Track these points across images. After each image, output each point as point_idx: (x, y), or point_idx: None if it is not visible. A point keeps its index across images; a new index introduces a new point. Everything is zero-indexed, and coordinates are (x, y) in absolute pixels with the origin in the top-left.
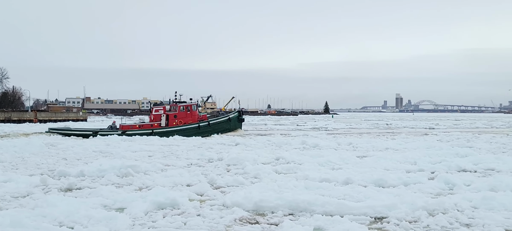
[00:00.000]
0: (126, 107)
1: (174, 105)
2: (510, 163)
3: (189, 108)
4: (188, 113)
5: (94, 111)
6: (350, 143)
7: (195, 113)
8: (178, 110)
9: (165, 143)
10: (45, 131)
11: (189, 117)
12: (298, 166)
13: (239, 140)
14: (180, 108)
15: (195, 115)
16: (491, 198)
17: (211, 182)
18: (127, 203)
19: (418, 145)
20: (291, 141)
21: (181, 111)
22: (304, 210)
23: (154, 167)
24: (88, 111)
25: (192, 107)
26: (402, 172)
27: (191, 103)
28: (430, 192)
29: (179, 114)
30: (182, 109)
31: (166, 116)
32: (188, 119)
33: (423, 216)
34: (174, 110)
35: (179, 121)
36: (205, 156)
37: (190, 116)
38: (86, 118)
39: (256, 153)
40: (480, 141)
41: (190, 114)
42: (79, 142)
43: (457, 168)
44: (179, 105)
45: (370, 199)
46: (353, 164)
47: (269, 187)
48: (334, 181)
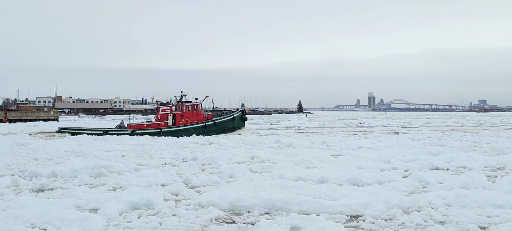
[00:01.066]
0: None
1: (180, 105)
2: (481, 160)
3: (195, 108)
4: (194, 113)
5: (66, 110)
6: (324, 142)
7: (200, 113)
8: (184, 109)
9: (138, 142)
10: (55, 130)
11: (195, 116)
12: (273, 165)
13: (213, 139)
14: (186, 108)
15: (201, 114)
16: (464, 195)
17: (186, 181)
18: (101, 203)
19: (391, 144)
20: (265, 139)
21: (187, 111)
22: (280, 209)
23: (128, 167)
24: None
25: (198, 107)
26: (376, 171)
27: (197, 103)
28: (404, 190)
29: (185, 114)
30: (188, 109)
31: (173, 115)
32: (194, 118)
33: (398, 214)
34: (181, 109)
35: (186, 120)
36: (179, 155)
37: (196, 115)
38: (58, 117)
39: (231, 152)
40: (451, 139)
41: (196, 113)
42: (50, 141)
43: (430, 166)
44: (185, 105)
45: (345, 197)
46: (328, 162)
47: (245, 186)
48: (309, 180)
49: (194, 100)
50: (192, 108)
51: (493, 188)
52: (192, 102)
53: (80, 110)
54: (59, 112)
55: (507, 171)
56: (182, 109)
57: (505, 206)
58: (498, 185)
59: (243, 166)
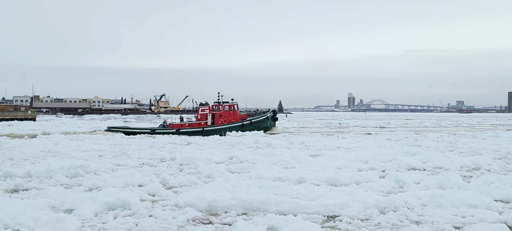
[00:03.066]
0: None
1: (218, 105)
2: (457, 161)
3: (232, 108)
4: (232, 113)
5: (43, 110)
6: (303, 142)
7: (237, 113)
8: (223, 109)
9: (116, 142)
10: (105, 129)
11: (232, 115)
12: (252, 165)
13: (191, 139)
14: (224, 108)
15: (237, 114)
16: (439, 195)
17: (163, 182)
18: (76, 204)
19: (369, 144)
20: (243, 140)
21: (225, 111)
22: (257, 209)
23: (105, 167)
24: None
25: (234, 107)
26: (354, 171)
27: (234, 103)
28: (381, 190)
29: (224, 114)
30: (226, 109)
31: (212, 115)
32: (232, 117)
33: (374, 214)
34: (219, 110)
35: (224, 119)
36: (157, 156)
37: (233, 115)
38: (35, 117)
39: (209, 152)
40: (428, 140)
41: (233, 113)
42: (26, 141)
43: (407, 166)
44: (223, 105)
45: (322, 197)
46: (306, 163)
47: (223, 186)
48: (287, 180)
49: (231, 101)
50: (230, 109)
51: (468, 188)
52: (229, 103)
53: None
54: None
55: (482, 171)
56: (220, 110)
57: (479, 206)
58: (473, 185)
59: (222, 166)
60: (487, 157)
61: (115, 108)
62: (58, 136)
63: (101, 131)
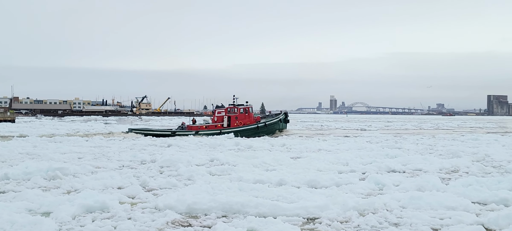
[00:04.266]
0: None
1: (233, 108)
2: (436, 163)
3: (247, 110)
4: (246, 115)
5: (23, 111)
6: (284, 144)
7: (251, 115)
8: (238, 112)
9: (95, 144)
10: (125, 131)
11: (247, 118)
12: (233, 168)
13: (172, 142)
14: (240, 110)
15: (252, 116)
16: (418, 197)
17: (143, 184)
18: (53, 207)
19: (350, 146)
20: (225, 142)
21: (240, 113)
22: (237, 211)
23: (84, 169)
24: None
25: (249, 110)
26: (334, 173)
27: (249, 106)
28: (361, 192)
29: (239, 116)
30: (241, 112)
31: (228, 117)
32: (247, 120)
33: (354, 216)
34: (234, 112)
35: (240, 122)
36: (137, 158)
37: (248, 117)
38: (14, 118)
39: (190, 155)
40: (408, 142)
41: (248, 116)
42: (4, 143)
43: (387, 168)
44: (239, 108)
45: (303, 200)
46: (287, 165)
47: (203, 189)
48: (268, 182)
49: (245, 104)
50: (245, 111)
51: (446, 190)
52: (244, 105)
53: (38, 112)
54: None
55: (460, 173)
56: (236, 112)
57: (457, 208)
58: (451, 187)
59: (202, 168)
60: (466, 159)
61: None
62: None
63: (120, 133)
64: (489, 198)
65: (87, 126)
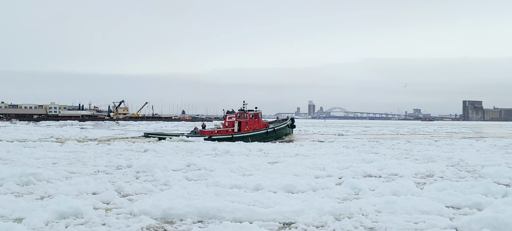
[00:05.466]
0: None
1: (244, 113)
2: (412, 168)
3: (256, 116)
4: (256, 120)
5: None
6: (261, 149)
7: (261, 121)
8: (248, 117)
9: (71, 149)
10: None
11: (256, 123)
12: (209, 173)
13: (148, 146)
14: (249, 116)
15: (261, 122)
16: (393, 202)
17: (118, 189)
18: (26, 212)
19: (327, 151)
20: (202, 147)
21: (250, 119)
22: (213, 217)
23: (58, 175)
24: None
25: (259, 115)
26: (311, 178)
27: (258, 111)
28: (337, 197)
29: (249, 121)
30: (251, 117)
31: (238, 122)
32: (256, 125)
33: (329, 220)
34: (244, 117)
35: (250, 127)
36: (113, 163)
37: (257, 122)
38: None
39: (167, 160)
40: (384, 147)
41: (258, 121)
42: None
43: (363, 173)
44: (248, 113)
45: (279, 204)
46: (264, 170)
47: (179, 194)
48: (244, 187)
49: (255, 109)
50: (254, 117)
51: (421, 195)
52: (254, 111)
53: (13, 116)
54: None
55: (435, 178)
56: (246, 117)
57: (431, 212)
58: (426, 192)
59: (179, 173)
60: (441, 164)
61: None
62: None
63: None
64: (463, 202)
65: (62, 131)
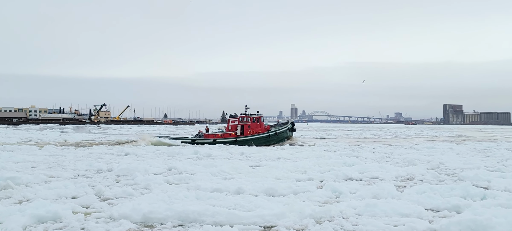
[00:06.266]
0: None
1: (246, 117)
2: (392, 171)
3: (259, 119)
4: (258, 124)
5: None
6: (243, 153)
7: (262, 124)
8: (250, 121)
9: (50, 153)
10: None
11: (258, 127)
12: (191, 176)
13: (129, 150)
14: (252, 119)
15: (263, 125)
16: (374, 205)
17: (98, 193)
18: (3, 217)
19: (309, 155)
20: (183, 150)
21: (253, 122)
22: (194, 220)
23: (37, 179)
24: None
25: (261, 119)
26: (292, 181)
27: (260, 115)
28: (318, 200)
29: (251, 125)
30: (253, 121)
31: (241, 126)
32: (258, 128)
33: (310, 224)
34: (247, 121)
35: (252, 130)
36: (93, 167)
37: (259, 126)
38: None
39: (148, 163)
40: (365, 151)
41: (260, 124)
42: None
43: (344, 176)
44: (251, 117)
45: (260, 208)
46: (246, 173)
47: (159, 198)
48: (225, 191)
49: (256, 113)
50: (256, 120)
51: (401, 198)
52: (256, 115)
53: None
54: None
55: (415, 181)
56: (248, 121)
57: (410, 215)
58: (406, 195)
59: (160, 177)
60: (421, 167)
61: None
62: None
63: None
64: (442, 205)
65: (42, 135)
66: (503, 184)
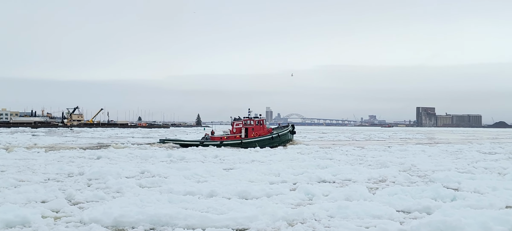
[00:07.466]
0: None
1: (249, 120)
2: (365, 173)
3: (261, 122)
4: (261, 127)
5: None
6: (217, 156)
7: (265, 127)
8: (254, 124)
9: (20, 157)
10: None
11: (261, 129)
12: (164, 179)
13: (102, 153)
14: (255, 122)
15: (265, 128)
16: (346, 207)
17: (69, 197)
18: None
19: (283, 157)
20: (157, 153)
21: (256, 125)
22: (166, 224)
23: (6, 183)
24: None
25: (263, 122)
26: (265, 184)
27: (262, 118)
28: (291, 203)
29: (255, 128)
30: (257, 124)
31: (245, 129)
32: (261, 131)
33: (282, 226)
34: (251, 124)
35: (256, 133)
36: (64, 170)
37: (262, 128)
38: None
39: (120, 167)
40: (338, 153)
41: (262, 127)
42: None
43: (317, 179)
44: (254, 120)
45: (233, 211)
46: (219, 176)
47: (131, 201)
48: (198, 194)
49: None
50: (259, 123)
51: (373, 200)
52: (258, 118)
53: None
54: None
55: (387, 183)
56: (252, 124)
57: (382, 217)
58: (377, 197)
59: (132, 180)
60: (393, 169)
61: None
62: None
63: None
64: (413, 207)
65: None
66: (472, 185)
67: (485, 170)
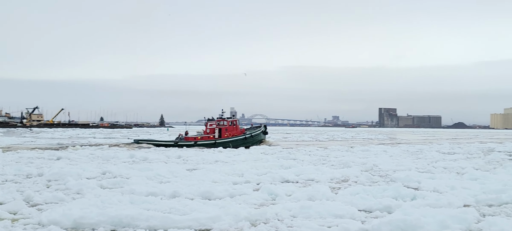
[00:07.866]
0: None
1: (222, 120)
2: (328, 173)
3: (234, 122)
4: (234, 127)
5: None
6: (180, 156)
7: (238, 127)
8: (227, 124)
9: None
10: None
11: (234, 130)
12: (125, 180)
13: (62, 154)
14: (229, 123)
15: (238, 128)
16: (308, 206)
17: (27, 199)
18: None
19: (246, 158)
20: (119, 154)
21: (229, 126)
22: (127, 225)
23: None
24: None
25: (236, 122)
26: (229, 184)
27: (235, 119)
28: (254, 203)
29: (228, 128)
30: (230, 124)
31: (218, 129)
32: (234, 131)
33: (245, 226)
34: (224, 124)
35: (229, 133)
36: (23, 171)
37: (235, 129)
38: None
39: (81, 167)
40: (302, 153)
41: (235, 128)
42: None
43: (281, 179)
44: (227, 120)
45: (195, 211)
46: (182, 177)
47: (92, 202)
48: (161, 195)
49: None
50: (232, 123)
51: (335, 199)
52: (231, 118)
53: None
54: None
55: (350, 182)
56: (225, 124)
57: (344, 216)
58: (340, 196)
59: (93, 181)
60: (355, 169)
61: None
62: None
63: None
64: (374, 206)
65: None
66: (432, 184)
67: (444, 170)
